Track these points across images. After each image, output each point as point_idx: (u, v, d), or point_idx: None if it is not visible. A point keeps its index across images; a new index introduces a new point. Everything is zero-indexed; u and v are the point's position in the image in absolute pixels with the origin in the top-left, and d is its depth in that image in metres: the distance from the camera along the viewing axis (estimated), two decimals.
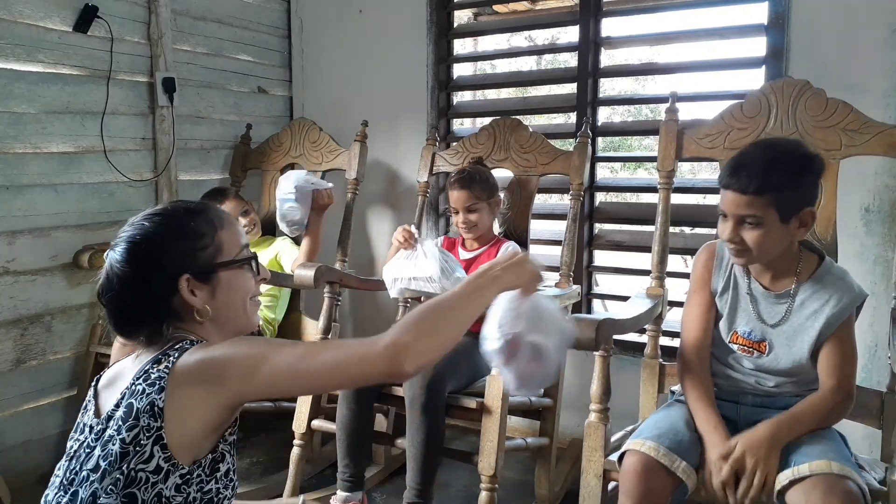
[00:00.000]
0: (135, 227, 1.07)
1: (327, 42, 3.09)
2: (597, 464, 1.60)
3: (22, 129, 2.26)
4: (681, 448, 1.44)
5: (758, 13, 2.25)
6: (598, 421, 1.62)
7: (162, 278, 1.04)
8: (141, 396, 0.95)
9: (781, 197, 1.40)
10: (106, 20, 2.43)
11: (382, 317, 2.70)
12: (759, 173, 1.40)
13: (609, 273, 2.97)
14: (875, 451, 1.70)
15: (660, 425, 1.51)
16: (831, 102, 1.84)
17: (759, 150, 1.48)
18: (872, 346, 2.08)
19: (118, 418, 0.96)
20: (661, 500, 1.41)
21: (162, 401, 0.94)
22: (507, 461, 1.98)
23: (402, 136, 2.89)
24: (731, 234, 1.46)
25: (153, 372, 0.97)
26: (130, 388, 0.98)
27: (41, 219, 2.32)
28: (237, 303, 1.10)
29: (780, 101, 1.90)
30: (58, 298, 2.39)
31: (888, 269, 2.02)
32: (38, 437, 2.34)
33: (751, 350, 1.57)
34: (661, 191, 2.05)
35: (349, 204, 2.64)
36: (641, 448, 1.43)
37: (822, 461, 1.32)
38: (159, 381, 0.95)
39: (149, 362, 1.00)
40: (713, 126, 2.00)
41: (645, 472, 1.40)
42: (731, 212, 1.45)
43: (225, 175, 2.92)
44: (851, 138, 1.79)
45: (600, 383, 1.65)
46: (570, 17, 2.64)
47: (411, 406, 1.87)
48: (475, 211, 2.21)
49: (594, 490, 1.59)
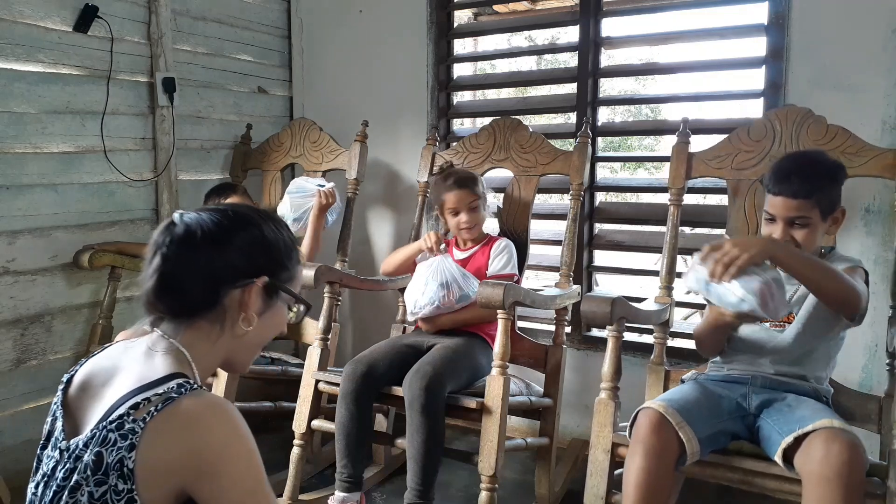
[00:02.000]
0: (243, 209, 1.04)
1: (327, 42, 3.09)
2: (605, 439, 1.67)
3: (22, 129, 2.26)
4: (688, 414, 1.51)
5: (758, 13, 2.25)
6: (608, 398, 1.71)
7: (242, 263, 0.99)
8: (111, 449, 0.84)
9: (823, 198, 1.57)
10: (106, 20, 2.43)
11: (382, 317, 2.70)
12: (807, 179, 1.56)
13: (609, 273, 2.98)
14: (874, 455, 1.71)
15: (671, 394, 1.63)
16: (831, 128, 1.95)
17: (799, 160, 1.65)
18: (872, 346, 2.08)
19: (87, 464, 0.85)
20: (670, 457, 1.48)
21: (132, 461, 0.83)
22: (507, 461, 1.98)
23: (402, 136, 2.89)
24: (783, 234, 1.59)
25: (127, 420, 0.85)
26: (101, 430, 0.86)
27: (41, 219, 2.32)
28: (265, 336, 1.07)
29: (785, 126, 2.01)
30: (58, 298, 2.39)
31: (888, 269, 2.02)
32: (39, 437, 2.33)
33: (781, 325, 1.67)
34: (671, 206, 2.14)
35: (349, 204, 2.64)
36: (650, 405, 1.53)
37: (825, 419, 1.41)
38: (132, 436, 0.84)
39: (130, 394, 0.89)
40: (721, 148, 2.11)
41: (656, 424, 1.48)
42: (782, 215, 1.59)
43: (225, 175, 2.92)
44: (850, 160, 1.89)
45: (612, 362, 1.73)
46: (570, 17, 2.64)
47: (411, 407, 1.87)
48: (476, 208, 2.23)
49: (602, 465, 1.66)
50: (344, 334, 3.06)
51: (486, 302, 1.80)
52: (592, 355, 2.51)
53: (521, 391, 2.09)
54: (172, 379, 0.90)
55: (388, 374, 1.99)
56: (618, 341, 1.73)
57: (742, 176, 2.05)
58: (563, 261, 2.27)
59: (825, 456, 1.33)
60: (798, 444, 1.40)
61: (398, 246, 2.92)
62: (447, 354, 1.98)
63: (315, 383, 2.12)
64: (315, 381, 2.12)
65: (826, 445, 1.34)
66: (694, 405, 1.55)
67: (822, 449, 1.34)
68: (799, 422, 1.45)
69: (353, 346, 3.05)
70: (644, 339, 2.50)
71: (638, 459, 1.47)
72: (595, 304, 1.66)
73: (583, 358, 2.53)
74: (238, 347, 1.04)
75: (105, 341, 2.38)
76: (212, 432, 0.87)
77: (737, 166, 2.06)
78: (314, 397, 2.12)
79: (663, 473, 1.47)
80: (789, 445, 1.41)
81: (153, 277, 0.97)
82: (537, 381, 2.18)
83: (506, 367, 1.86)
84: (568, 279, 2.26)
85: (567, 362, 2.19)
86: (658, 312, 1.96)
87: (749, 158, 2.04)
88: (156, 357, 0.95)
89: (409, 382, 1.89)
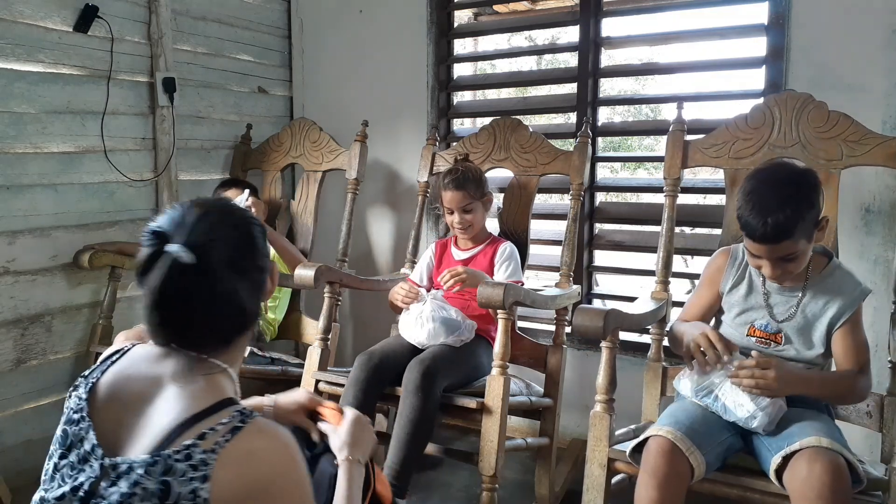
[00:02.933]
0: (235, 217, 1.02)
1: (327, 42, 3.09)
2: (601, 453, 1.63)
3: (22, 129, 2.26)
4: (697, 437, 1.48)
5: (758, 13, 2.25)
6: (603, 411, 1.66)
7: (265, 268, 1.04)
8: (182, 480, 0.85)
9: (805, 226, 1.48)
10: (106, 20, 2.43)
11: (382, 317, 2.70)
12: (785, 219, 1.45)
13: (609, 273, 2.97)
14: (875, 454, 1.71)
15: (675, 415, 1.57)
16: (832, 115, 1.88)
17: (771, 190, 1.50)
18: (872, 346, 2.07)
19: (153, 492, 0.85)
20: (682, 483, 1.45)
21: (207, 491, 0.85)
22: (507, 461, 1.98)
23: (403, 136, 2.89)
24: (774, 272, 1.54)
25: (196, 451, 0.86)
26: (164, 458, 0.86)
27: (41, 219, 2.32)
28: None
29: (784, 113, 1.95)
30: (58, 298, 2.39)
31: (888, 269, 2.02)
32: (39, 437, 2.34)
33: (768, 342, 1.64)
34: (666, 198, 2.10)
35: (349, 204, 2.64)
36: (660, 432, 1.48)
37: (813, 437, 1.39)
38: (204, 468, 0.85)
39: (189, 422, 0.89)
40: (718, 136, 2.04)
41: (668, 453, 1.45)
42: (770, 257, 1.52)
43: (225, 175, 2.92)
44: (852, 149, 1.84)
45: (606, 374, 1.69)
46: (570, 18, 2.64)
47: (406, 389, 1.87)
48: (470, 210, 2.22)
49: (598, 479, 1.62)
50: (344, 334, 3.06)
51: (487, 302, 1.79)
52: (592, 355, 2.51)
53: (521, 391, 2.09)
54: (227, 406, 0.92)
55: (396, 370, 1.98)
56: (612, 352, 1.68)
57: (740, 165, 1.99)
58: (563, 261, 2.27)
59: (807, 477, 1.32)
60: (787, 461, 1.39)
61: (398, 246, 2.93)
62: (448, 350, 1.99)
63: (315, 383, 2.12)
64: (315, 381, 2.12)
65: (809, 466, 1.33)
66: (701, 425, 1.52)
67: (805, 469, 1.33)
68: (788, 438, 1.43)
69: (353, 346, 3.05)
70: (642, 339, 2.50)
71: (651, 492, 1.44)
72: (587, 318, 1.60)
73: (583, 358, 2.53)
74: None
75: (105, 341, 2.39)
76: (275, 462, 0.90)
77: (734, 155, 2.00)
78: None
79: (675, 502, 1.45)
80: (779, 466, 1.40)
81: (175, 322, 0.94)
82: (537, 381, 2.18)
83: (506, 366, 1.86)
84: (568, 279, 2.26)
85: (567, 362, 2.19)
86: (654, 312, 1.92)
87: (747, 147, 1.98)
88: (201, 379, 0.94)
89: (409, 369, 1.90)
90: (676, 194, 2.10)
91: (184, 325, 0.95)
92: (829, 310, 1.60)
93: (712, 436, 1.52)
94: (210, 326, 0.96)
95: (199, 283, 0.93)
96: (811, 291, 1.62)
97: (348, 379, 1.99)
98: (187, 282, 0.92)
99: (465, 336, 2.04)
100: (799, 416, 1.51)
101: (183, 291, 0.92)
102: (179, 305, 0.93)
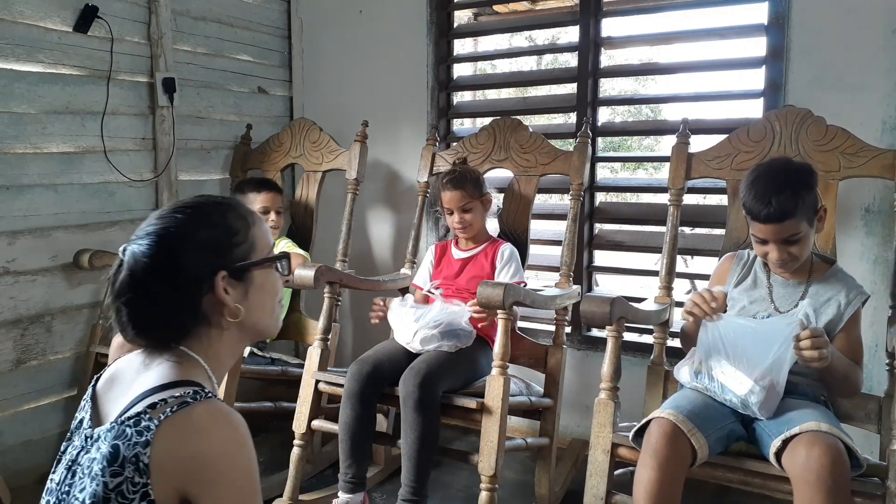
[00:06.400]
0: (165, 220, 0.99)
1: (327, 42, 3.09)
2: (605, 439, 1.67)
3: (22, 129, 2.26)
4: (698, 419, 1.50)
5: (758, 13, 2.25)
6: (608, 398, 1.71)
7: (196, 275, 0.97)
8: (127, 443, 0.87)
9: (806, 208, 1.58)
10: (106, 20, 2.43)
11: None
12: (787, 198, 1.56)
13: (609, 273, 2.98)
14: (874, 455, 1.71)
15: (677, 400, 1.61)
16: (830, 129, 1.96)
17: (772, 179, 1.61)
18: (872, 346, 2.08)
19: (105, 454, 0.88)
20: (683, 465, 1.47)
21: (147, 457, 0.86)
22: (507, 461, 1.98)
23: (402, 136, 2.89)
24: (780, 254, 1.62)
25: (144, 417, 0.88)
26: (120, 424, 0.89)
27: (41, 219, 2.32)
28: (268, 304, 1.05)
29: (784, 127, 2.02)
30: (58, 298, 2.39)
31: (888, 269, 2.02)
32: (39, 437, 2.34)
33: None
34: (670, 206, 2.14)
35: (349, 204, 2.64)
36: (662, 415, 1.51)
37: (812, 422, 1.42)
38: (147, 433, 0.87)
39: (147, 393, 0.92)
40: (721, 148, 2.11)
41: (670, 435, 1.47)
42: (774, 238, 1.61)
43: (225, 175, 2.92)
44: (850, 161, 1.92)
45: (611, 363, 1.73)
46: (570, 18, 2.64)
47: (405, 404, 1.87)
48: (469, 210, 2.22)
49: (602, 466, 1.66)
50: (344, 334, 3.06)
51: (487, 302, 1.80)
52: (592, 355, 2.51)
53: (521, 391, 2.09)
54: (189, 385, 0.92)
55: (392, 374, 1.99)
56: (617, 341, 1.73)
57: (741, 176, 2.01)
58: (563, 261, 2.27)
59: (806, 460, 1.35)
60: (787, 446, 1.41)
61: (398, 246, 2.94)
62: (444, 356, 1.98)
63: (315, 383, 2.12)
64: (315, 381, 2.12)
65: (808, 449, 1.36)
66: (702, 409, 1.55)
67: (804, 453, 1.36)
68: (787, 423, 1.46)
69: (353, 346, 3.05)
70: (644, 340, 2.50)
71: (651, 472, 1.45)
72: (594, 304, 1.66)
73: (583, 358, 2.53)
74: (251, 324, 1.03)
75: (105, 341, 2.39)
76: (217, 441, 0.89)
77: (736, 167, 2.06)
78: (314, 397, 2.12)
79: (675, 484, 1.46)
80: (778, 449, 1.42)
81: (129, 324, 0.98)
82: (537, 381, 2.18)
83: (506, 367, 1.86)
84: (568, 279, 2.26)
85: (567, 362, 2.19)
86: (658, 312, 1.96)
87: (749, 159, 2.04)
88: (171, 362, 0.97)
89: (404, 380, 1.89)
90: (680, 203, 2.15)
91: (129, 320, 0.98)
92: (830, 308, 1.65)
93: (714, 421, 1.54)
94: (147, 321, 0.98)
95: (126, 280, 0.97)
96: (814, 288, 1.69)
97: (343, 391, 1.99)
98: (118, 279, 0.98)
99: (463, 343, 2.03)
100: (798, 406, 1.54)
101: (118, 289, 0.98)
102: (120, 303, 0.98)
